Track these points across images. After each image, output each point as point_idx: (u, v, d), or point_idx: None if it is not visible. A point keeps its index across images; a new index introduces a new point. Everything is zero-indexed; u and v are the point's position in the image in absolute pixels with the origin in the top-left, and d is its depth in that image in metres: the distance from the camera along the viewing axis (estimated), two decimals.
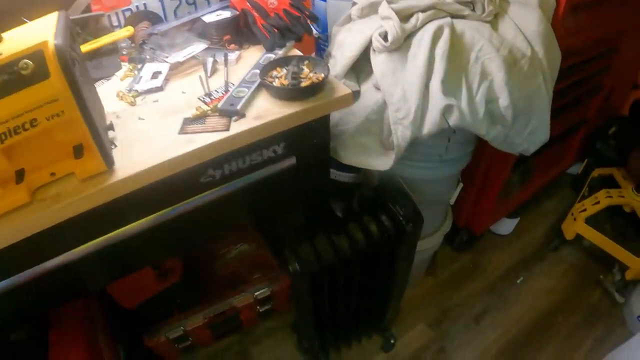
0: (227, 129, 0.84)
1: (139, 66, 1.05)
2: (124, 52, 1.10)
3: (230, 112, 0.86)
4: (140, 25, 1.13)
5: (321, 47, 1.36)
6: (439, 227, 1.42)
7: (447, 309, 1.70)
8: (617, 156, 1.94)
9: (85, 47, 1.00)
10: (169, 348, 1.45)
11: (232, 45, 1.11)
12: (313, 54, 1.37)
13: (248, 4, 1.08)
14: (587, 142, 2.00)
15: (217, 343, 1.57)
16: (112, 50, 1.06)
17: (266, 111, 0.87)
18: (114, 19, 1.12)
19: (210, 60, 1.04)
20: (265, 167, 0.94)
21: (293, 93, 0.89)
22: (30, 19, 0.81)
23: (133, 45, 1.12)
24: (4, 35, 0.70)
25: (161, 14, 1.18)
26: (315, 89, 0.90)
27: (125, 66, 1.07)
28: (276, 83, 0.91)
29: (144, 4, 1.14)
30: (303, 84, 0.90)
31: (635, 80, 1.96)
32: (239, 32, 1.13)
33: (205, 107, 0.89)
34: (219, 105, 0.88)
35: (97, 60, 1.04)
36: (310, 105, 0.88)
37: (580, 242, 1.93)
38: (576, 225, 1.78)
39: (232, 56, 1.06)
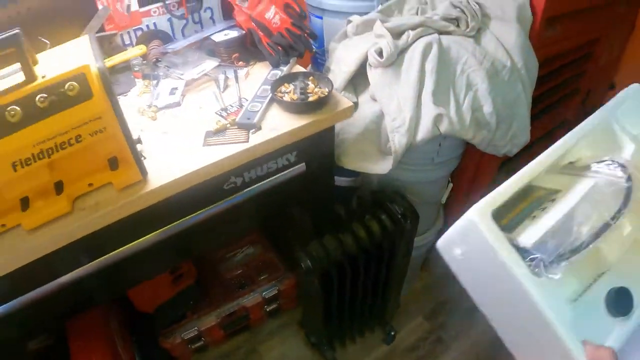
0: (247, 141, 0.94)
1: (154, 83, 1.13)
2: (136, 69, 1.17)
3: (248, 125, 0.96)
4: (152, 44, 1.21)
5: (317, 61, 1.44)
6: (432, 225, 1.52)
7: (442, 302, 1.80)
8: None
9: None
10: (183, 349, 1.52)
11: (241, 63, 1.20)
12: (309, 67, 1.46)
13: (253, 23, 1.16)
14: None
15: (226, 343, 1.65)
16: (125, 67, 1.13)
17: (279, 124, 0.97)
18: (125, 37, 1.19)
19: (222, 77, 1.13)
20: (279, 174, 1.03)
21: (303, 107, 0.99)
22: (49, 39, 0.88)
23: (144, 62, 1.19)
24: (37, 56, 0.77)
25: (170, 32, 1.25)
26: (322, 102, 1.00)
27: (140, 83, 1.15)
28: (286, 98, 1.01)
29: (154, 24, 1.21)
30: (311, 99, 1.00)
31: (611, 82, 2.09)
32: (245, 49, 1.23)
33: (224, 121, 0.99)
34: (237, 119, 0.98)
35: (113, 77, 1.09)
36: (318, 118, 0.98)
37: None
38: None
39: (241, 72, 1.15)
